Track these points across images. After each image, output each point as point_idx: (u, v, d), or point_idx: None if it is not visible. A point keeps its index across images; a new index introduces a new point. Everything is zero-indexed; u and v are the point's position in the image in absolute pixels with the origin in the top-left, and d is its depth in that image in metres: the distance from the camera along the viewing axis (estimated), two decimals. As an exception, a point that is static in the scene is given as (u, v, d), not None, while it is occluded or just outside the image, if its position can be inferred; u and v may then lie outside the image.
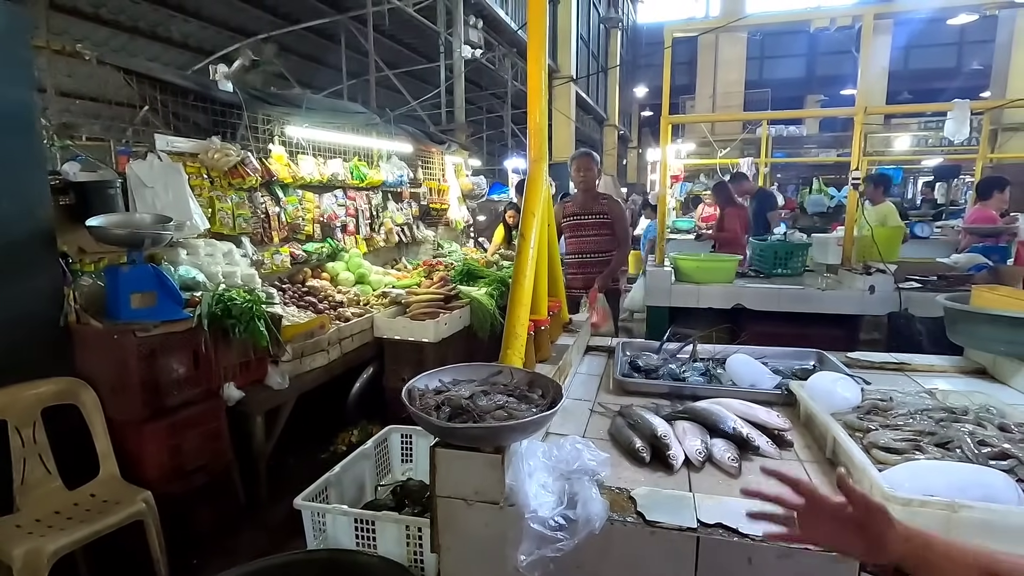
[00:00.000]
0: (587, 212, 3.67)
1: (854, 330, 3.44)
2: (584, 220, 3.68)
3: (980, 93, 13.19)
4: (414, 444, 2.25)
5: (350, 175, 4.53)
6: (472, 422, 1.11)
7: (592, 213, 3.66)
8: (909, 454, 1.20)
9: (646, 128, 23.81)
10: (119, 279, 2.34)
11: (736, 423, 1.40)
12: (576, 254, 3.74)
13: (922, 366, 2.00)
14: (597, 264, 3.67)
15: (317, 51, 8.62)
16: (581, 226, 3.69)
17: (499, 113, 11.38)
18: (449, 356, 3.48)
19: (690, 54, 17.11)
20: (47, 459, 2.19)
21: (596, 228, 3.66)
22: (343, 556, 1.56)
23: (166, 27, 7.29)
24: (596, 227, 3.66)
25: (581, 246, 3.71)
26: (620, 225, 3.70)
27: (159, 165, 2.95)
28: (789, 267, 4.11)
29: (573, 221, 3.71)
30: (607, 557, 1.07)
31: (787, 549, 0.97)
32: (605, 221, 3.65)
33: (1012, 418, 1.35)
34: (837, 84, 17.19)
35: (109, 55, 3.17)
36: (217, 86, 3.46)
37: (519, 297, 1.58)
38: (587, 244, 3.69)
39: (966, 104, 3.83)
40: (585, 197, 3.68)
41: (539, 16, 1.84)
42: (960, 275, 3.48)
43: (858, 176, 4.00)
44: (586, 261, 3.70)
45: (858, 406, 1.48)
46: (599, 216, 3.66)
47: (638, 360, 1.98)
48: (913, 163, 13.65)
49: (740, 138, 11.23)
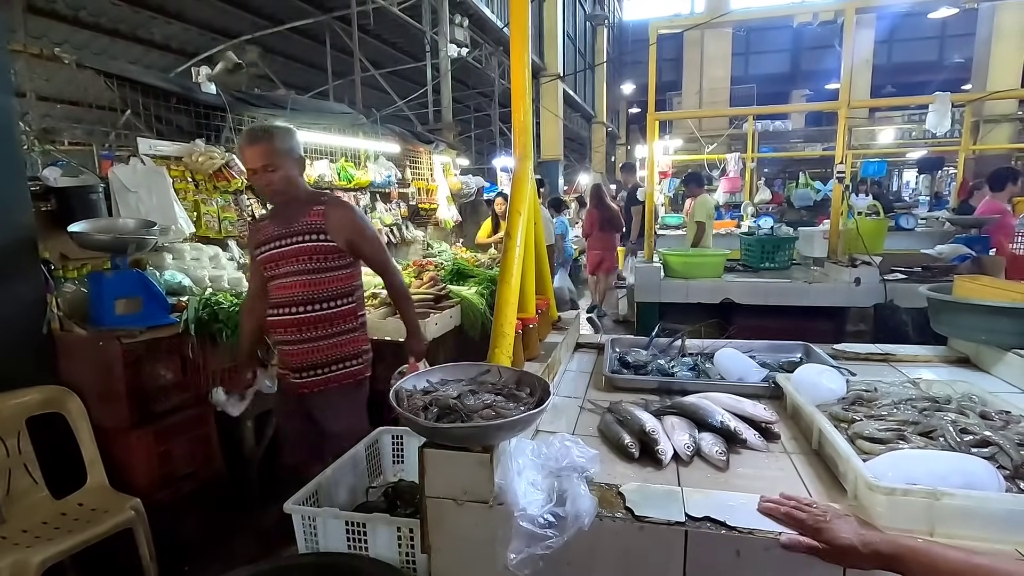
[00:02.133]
0: (286, 234, 2.05)
1: (841, 322, 3.47)
2: (284, 247, 2.05)
3: (962, 86, 13.36)
4: (405, 445, 2.25)
5: (337, 176, 4.50)
6: (460, 422, 1.11)
7: (295, 234, 2.04)
8: (893, 444, 1.22)
9: (634, 125, 23.91)
10: (103, 285, 2.32)
11: (724, 417, 1.41)
12: (280, 307, 2.09)
13: (907, 356, 2.03)
14: (321, 323, 2.08)
15: (302, 52, 8.57)
16: (281, 259, 2.06)
17: (487, 112, 11.38)
18: (440, 356, 3.47)
19: (676, 51, 17.19)
20: (33, 469, 2.17)
21: (308, 258, 2.04)
22: (335, 559, 1.55)
23: (148, 29, 7.21)
24: (308, 256, 2.04)
25: (285, 291, 2.07)
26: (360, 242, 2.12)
27: (142, 169, 2.92)
28: (776, 261, 4.14)
29: (268, 251, 2.08)
30: (596, 553, 1.08)
31: (774, 541, 0.98)
32: (322, 244, 2.04)
33: (993, 406, 1.37)
34: (822, 79, 17.34)
35: (89, 58, 3.13)
36: (200, 88, 3.43)
37: (506, 296, 1.58)
38: (296, 288, 2.06)
39: (947, 97, 3.88)
40: (283, 210, 2.10)
41: (521, 13, 1.84)
42: (944, 266, 3.52)
43: (843, 170, 4.04)
44: (300, 317, 2.06)
45: (843, 397, 1.50)
46: (310, 237, 2.04)
47: (627, 356, 1.99)
48: (898, 156, 13.80)
49: (727, 133, 11.30)
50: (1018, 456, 1.12)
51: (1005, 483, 1.05)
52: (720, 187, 9.05)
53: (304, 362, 2.12)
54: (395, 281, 2.27)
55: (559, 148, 12.48)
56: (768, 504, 1.04)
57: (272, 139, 2.00)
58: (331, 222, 2.06)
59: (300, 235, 2.06)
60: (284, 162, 2.02)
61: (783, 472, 1.27)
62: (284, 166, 2.03)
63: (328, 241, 2.06)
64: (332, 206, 2.11)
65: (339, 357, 2.14)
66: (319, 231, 2.06)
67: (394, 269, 2.27)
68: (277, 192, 2.05)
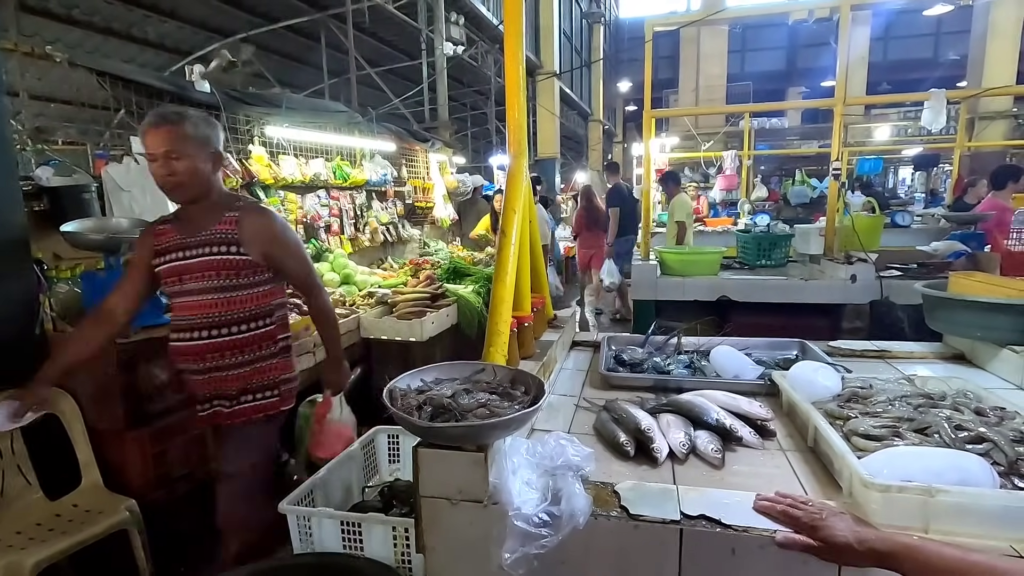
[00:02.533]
0: (192, 244, 1.78)
1: (837, 319, 3.48)
2: (188, 259, 1.78)
3: (957, 83, 13.39)
4: (401, 445, 2.24)
5: (333, 175, 4.49)
6: (454, 421, 1.10)
7: (202, 244, 1.78)
8: (888, 440, 1.22)
9: (631, 123, 23.89)
10: (96, 285, 2.30)
11: (719, 414, 1.41)
12: (184, 331, 1.81)
13: (902, 353, 2.03)
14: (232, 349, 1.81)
15: (297, 50, 8.55)
16: (185, 273, 1.78)
17: (483, 110, 11.36)
18: (437, 355, 3.47)
19: (672, 48, 17.17)
20: (26, 470, 2.16)
21: (216, 273, 1.77)
22: (330, 559, 1.55)
23: (141, 28, 7.18)
24: (216, 271, 1.77)
25: (189, 312, 1.80)
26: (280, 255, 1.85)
27: (136, 168, 2.90)
28: (772, 258, 4.15)
29: (169, 263, 1.79)
30: (591, 552, 1.07)
31: (769, 539, 0.98)
32: (234, 258, 1.77)
33: (988, 402, 1.38)
34: (818, 76, 17.33)
35: (82, 57, 3.11)
36: (194, 87, 3.41)
37: (501, 294, 1.57)
38: (202, 308, 1.78)
39: (942, 93, 3.88)
40: (190, 213, 1.82)
41: (515, 10, 1.83)
42: (939, 262, 3.53)
43: (839, 167, 4.04)
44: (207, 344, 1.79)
45: (839, 394, 1.50)
46: (219, 249, 1.77)
47: (623, 354, 1.99)
48: (894, 153, 13.83)
49: (723, 131, 11.29)
50: (1012, 452, 1.12)
51: (1000, 479, 1.05)
52: (716, 185, 9.05)
53: (211, 392, 1.85)
54: (319, 303, 1.99)
55: (555, 146, 12.48)
56: (763, 503, 1.04)
57: (182, 123, 1.73)
58: (245, 231, 1.79)
59: (208, 246, 1.78)
60: (193, 152, 1.73)
61: (779, 469, 1.27)
62: (193, 156, 1.73)
63: (241, 254, 1.79)
64: (247, 213, 1.83)
65: (251, 387, 1.86)
66: (230, 242, 1.78)
67: (319, 288, 2.01)
68: (179, 186, 1.74)
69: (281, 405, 1.92)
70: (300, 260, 1.93)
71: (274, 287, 1.90)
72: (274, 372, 1.90)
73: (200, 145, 1.75)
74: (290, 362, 1.97)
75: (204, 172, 1.77)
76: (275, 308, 1.91)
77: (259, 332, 1.86)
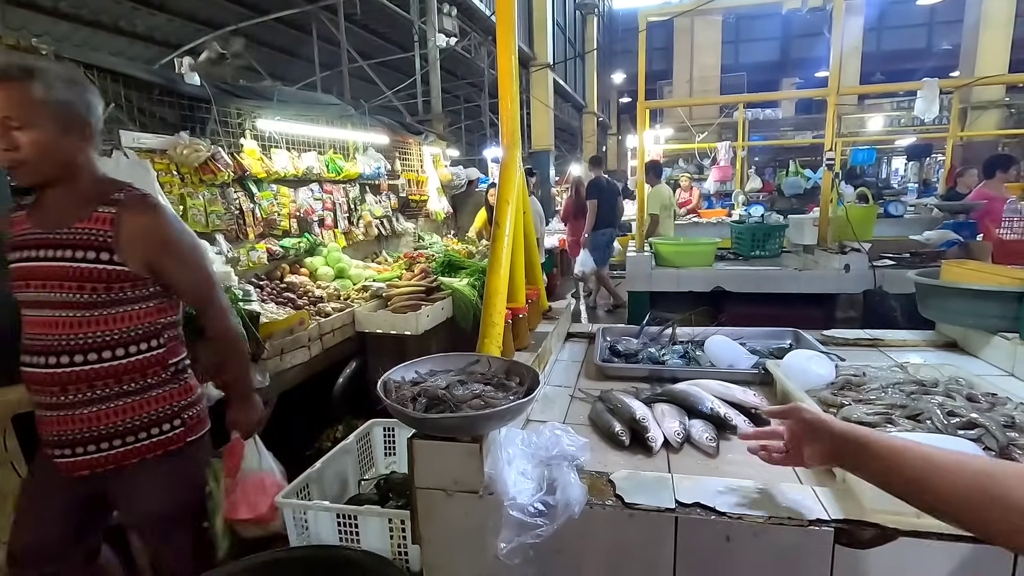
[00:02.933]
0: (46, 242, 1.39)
1: (831, 308, 3.50)
2: (38, 261, 1.40)
3: (950, 73, 13.42)
4: (397, 437, 2.24)
5: (326, 168, 4.46)
6: (449, 412, 1.10)
7: (59, 245, 1.38)
8: (881, 427, 1.22)
9: (625, 115, 23.82)
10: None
11: (713, 403, 1.41)
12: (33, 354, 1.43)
13: (895, 341, 2.04)
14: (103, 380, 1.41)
15: (288, 42, 8.46)
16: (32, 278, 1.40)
17: (477, 103, 11.31)
18: (432, 348, 3.47)
19: (666, 39, 17.15)
20: (19, 466, 2.14)
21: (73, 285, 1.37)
22: (326, 552, 1.55)
23: (130, 20, 7.09)
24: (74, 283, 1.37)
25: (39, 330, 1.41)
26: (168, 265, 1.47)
27: (126, 162, 2.87)
28: (766, 249, 4.16)
29: (19, 262, 1.42)
30: (587, 541, 1.08)
31: (762, 526, 0.99)
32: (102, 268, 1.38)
33: (979, 388, 1.39)
34: (811, 67, 17.37)
35: (70, 50, 3.06)
36: (183, 79, 3.37)
37: (495, 286, 1.57)
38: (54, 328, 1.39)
39: (935, 83, 3.89)
40: (50, 200, 1.43)
41: (508, 0, 1.82)
42: (932, 251, 3.55)
43: (832, 157, 4.05)
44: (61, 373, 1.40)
45: (832, 382, 1.51)
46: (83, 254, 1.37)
47: (618, 345, 1.99)
48: (887, 143, 13.87)
49: (717, 122, 11.31)
50: (1004, 437, 1.13)
51: (991, 464, 1.06)
52: (711, 176, 9.07)
53: (73, 434, 1.42)
54: (221, 325, 1.59)
55: (550, 138, 12.43)
56: (751, 442, 1.10)
57: (29, 80, 1.29)
58: (123, 234, 1.38)
59: (68, 247, 1.36)
60: (46, 120, 1.32)
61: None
62: (43, 127, 1.31)
63: (114, 263, 1.38)
64: (128, 209, 1.41)
65: (143, 423, 1.47)
66: (101, 246, 1.37)
67: (221, 307, 1.59)
68: (21, 164, 1.32)
69: (188, 436, 1.56)
70: (195, 269, 1.53)
71: (164, 302, 1.51)
72: (170, 400, 1.52)
73: (58, 112, 1.34)
74: (189, 384, 1.59)
75: (62, 148, 1.36)
76: (163, 328, 1.51)
77: (144, 357, 1.46)
